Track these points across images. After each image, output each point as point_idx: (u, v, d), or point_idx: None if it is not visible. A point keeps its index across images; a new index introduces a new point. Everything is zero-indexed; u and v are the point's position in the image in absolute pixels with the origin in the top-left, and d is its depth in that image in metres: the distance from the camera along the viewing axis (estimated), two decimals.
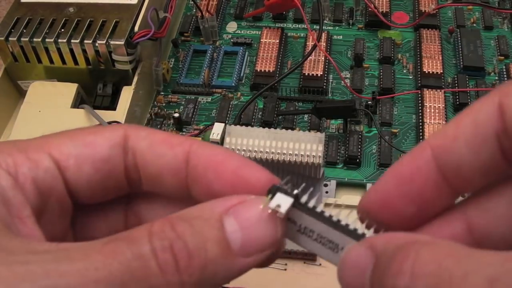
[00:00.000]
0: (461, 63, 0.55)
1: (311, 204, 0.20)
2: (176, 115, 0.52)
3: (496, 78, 0.54)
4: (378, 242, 0.18)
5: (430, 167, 0.19)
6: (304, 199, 0.20)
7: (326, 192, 0.46)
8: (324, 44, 0.56)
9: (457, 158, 0.18)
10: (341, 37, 0.59)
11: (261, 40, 0.57)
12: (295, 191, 0.20)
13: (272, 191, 0.20)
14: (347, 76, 0.55)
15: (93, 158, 0.21)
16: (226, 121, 0.52)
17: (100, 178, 0.21)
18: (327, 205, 0.44)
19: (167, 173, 0.21)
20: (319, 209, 0.20)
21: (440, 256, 0.15)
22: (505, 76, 0.53)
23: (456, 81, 0.53)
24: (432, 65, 0.54)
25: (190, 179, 0.21)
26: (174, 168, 0.21)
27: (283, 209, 0.19)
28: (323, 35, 0.56)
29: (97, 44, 0.49)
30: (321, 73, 0.54)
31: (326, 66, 0.55)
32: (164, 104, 0.54)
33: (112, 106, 0.51)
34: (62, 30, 0.50)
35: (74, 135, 0.21)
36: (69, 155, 0.20)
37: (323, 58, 0.54)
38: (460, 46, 0.56)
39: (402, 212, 0.20)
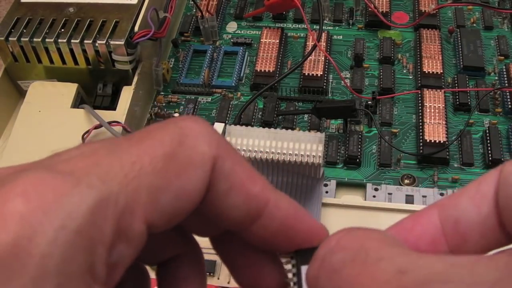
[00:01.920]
0: (461, 63, 0.55)
1: None
2: (176, 115, 0.52)
3: (496, 78, 0.54)
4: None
5: (432, 220, 0.18)
6: None
7: (326, 192, 0.46)
8: (324, 44, 0.56)
9: (457, 212, 0.18)
10: (341, 37, 0.59)
11: (261, 40, 0.57)
12: None
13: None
14: (347, 76, 0.55)
15: (185, 212, 0.17)
16: (226, 121, 0.52)
17: (179, 222, 0.18)
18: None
19: (230, 220, 0.18)
20: None
21: (365, 238, 0.16)
22: (505, 76, 0.53)
23: (456, 81, 0.53)
24: (432, 65, 0.54)
25: (252, 230, 0.19)
26: (241, 220, 0.18)
27: None
28: (323, 35, 0.56)
29: (97, 44, 0.49)
30: (321, 73, 0.54)
31: (326, 66, 0.55)
32: (164, 104, 0.54)
33: (112, 106, 0.51)
34: (62, 30, 0.50)
35: (165, 179, 0.16)
36: (163, 215, 0.16)
37: (323, 58, 0.54)
38: (460, 46, 0.56)
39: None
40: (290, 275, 0.20)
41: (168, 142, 0.17)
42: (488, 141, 0.48)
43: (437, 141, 0.48)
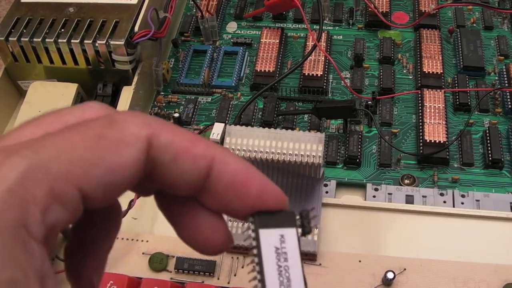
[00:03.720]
0: (461, 63, 0.55)
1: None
2: (176, 115, 0.52)
3: (496, 78, 0.54)
4: None
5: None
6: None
7: (326, 192, 0.46)
8: (324, 44, 0.56)
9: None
10: (341, 37, 0.59)
11: (261, 40, 0.57)
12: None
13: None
14: (347, 76, 0.55)
15: (120, 185, 0.19)
16: (226, 121, 0.52)
17: (119, 196, 0.20)
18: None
19: (183, 185, 0.20)
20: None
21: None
22: (505, 76, 0.53)
23: (456, 81, 0.53)
24: (432, 65, 0.54)
25: (205, 189, 0.20)
26: (193, 183, 0.20)
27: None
28: (323, 35, 0.56)
29: (97, 44, 0.49)
30: (321, 73, 0.54)
31: (326, 66, 0.55)
32: (164, 104, 0.54)
33: (112, 106, 0.51)
34: (62, 30, 0.50)
35: (97, 154, 0.18)
36: (97, 186, 0.18)
37: (323, 58, 0.54)
38: (460, 46, 0.56)
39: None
40: (250, 240, 0.20)
41: (97, 126, 0.19)
42: (488, 141, 0.48)
43: (437, 141, 0.48)
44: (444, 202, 0.45)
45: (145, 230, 0.44)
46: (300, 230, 0.21)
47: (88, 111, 0.20)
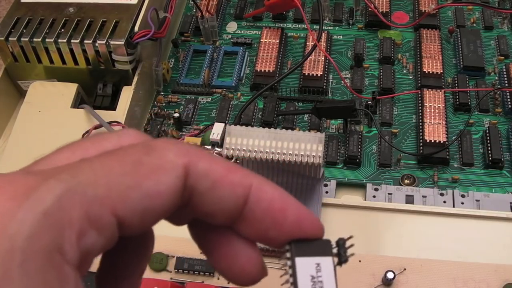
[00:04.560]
0: (461, 63, 0.55)
1: None
2: (176, 115, 0.52)
3: (496, 78, 0.54)
4: None
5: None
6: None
7: (326, 192, 0.46)
8: (324, 44, 0.56)
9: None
10: (341, 37, 0.59)
11: (261, 40, 0.57)
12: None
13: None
14: (347, 76, 0.55)
15: (158, 211, 0.18)
16: (226, 121, 0.52)
17: (155, 223, 0.19)
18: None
19: (221, 213, 0.20)
20: None
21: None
22: (505, 76, 0.53)
23: (456, 81, 0.53)
24: (432, 65, 0.54)
25: (242, 218, 0.20)
26: (231, 211, 0.20)
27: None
28: (323, 35, 0.56)
29: (97, 44, 0.49)
30: (321, 73, 0.54)
31: (326, 66, 0.55)
32: (164, 104, 0.54)
33: (112, 106, 0.51)
34: (62, 30, 0.50)
35: (134, 180, 0.18)
36: (134, 212, 0.18)
37: (323, 58, 0.54)
38: (460, 46, 0.56)
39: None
40: (286, 268, 0.20)
41: (135, 152, 0.19)
42: (488, 141, 0.48)
43: (437, 141, 0.48)
44: (444, 202, 0.45)
45: None
46: (336, 259, 0.21)
47: (124, 138, 0.20)
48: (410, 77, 0.55)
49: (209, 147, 0.45)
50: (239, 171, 0.20)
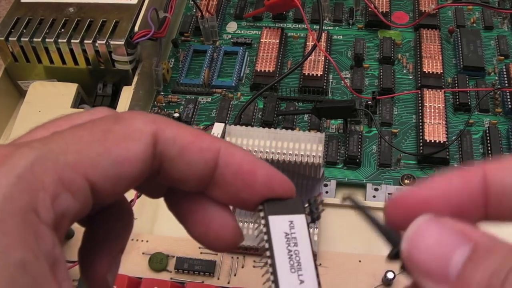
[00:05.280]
0: (461, 63, 0.55)
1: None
2: (176, 115, 0.52)
3: (496, 78, 0.54)
4: (469, 228, 0.17)
5: (478, 184, 0.19)
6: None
7: (326, 192, 0.46)
8: (324, 44, 0.56)
9: (505, 183, 0.18)
10: (341, 37, 0.59)
11: (261, 40, 0.57)
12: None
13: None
14: (347, 76, 0.55)
15: (128, 177, 0.19)
16: (226, 121, 0.52)
17: (127, 190, 0.20)
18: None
19: (192, 178, 0.20)
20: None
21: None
22: (505, 76, 0.53)
23: (456, 81, 0.53)
24: (432, 65, 0.54)
25: (214, 182, 0.21)
26: (201, 175, 0.20)
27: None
28: (323, 35, 0.56)
29: (97, 44, 0.49)
30: (321, 73, 0.54)
31: (326, 66, 0.55)
32: (164, 104, 0.54)
33: (112, 106, 0.51)
34: (62, 30, 0.50)
35: (104, 147, 0.18)
36: (105, 178, 0.18)
37: (323, 58, 0.54)
38: (460, 46, 0.56)
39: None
40: (261, 227, 0.20)
41: (104, 122, 0.19)
42: (488, 141, 0.48)
43: (437, 141, 0.48)
44: None
45: (145, 230, 0.44)
46: (309, 216, 0.21)
47: (95, 115, 0.21)
48: (410, 77, 0.55)
49: None
50: (207, 137, 0.21)
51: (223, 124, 0.46)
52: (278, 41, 0.56)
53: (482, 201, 0.19)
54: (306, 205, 0.21)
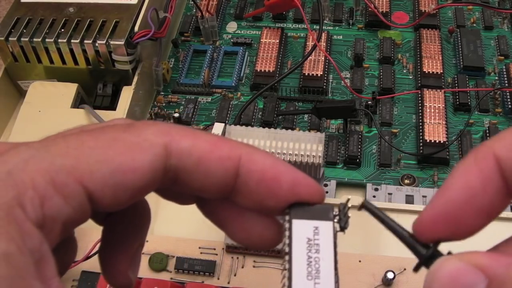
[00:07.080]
0: (461, 63, 0.55)
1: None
2: (176, 115, 0.52)
3: (496, 78, 0.54)
4: (485, 261, 0.17)
5: (497, 177, 0.18)
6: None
7: (326, 192, 0.46)
8: (324, 44, 0.56)
9: None
10: (341, 37, 0.59)
11: (261, 40, 0.57)
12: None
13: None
14: (347, 76, 0.55)
15: (132, 187, 0.18)
16: (226, 121, 0.52)
17: (133, 200, 0.19)
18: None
19: (212, 188, 0.20)
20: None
21: None
22: (505, 76, 0.53)
23: (456, 81, 0.53)
24: (432, 65, 0.54)
25: (237, 190, 0.20)
26: (221, 184, 0.19)
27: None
28: (323, 35, 0.56)
29: (97, 44, 0.49)
30: (321, 73, 0.54)
31: (326, 66, 0.55)
32: (164, 104, 0.54)
33: (112, 106, 0.51)
34: (62, 30, 0.50)
35: (106, 154, 0.18)
36: (104, 186, 0.18)
37: (323, 58, 0.54)
38: (460, 46, 0.56)
39: (469, 225, 0.19)
40: (285, 231, 0.20)
41: (113, 130, 0.19)
42: None
43: (437, 141, 0.48)
44: None
45: None
46: (338, 224, 0.20)
47: (112, 122, 0.20)
48: (410, 77, 0.55)
49: None
50: (226, 144, 0.20)
51: (223, 124, 0.46)
52: (278, 41, 0.56)
53: (502, 184, 0.18)
54: (336, 212, 0.21)
